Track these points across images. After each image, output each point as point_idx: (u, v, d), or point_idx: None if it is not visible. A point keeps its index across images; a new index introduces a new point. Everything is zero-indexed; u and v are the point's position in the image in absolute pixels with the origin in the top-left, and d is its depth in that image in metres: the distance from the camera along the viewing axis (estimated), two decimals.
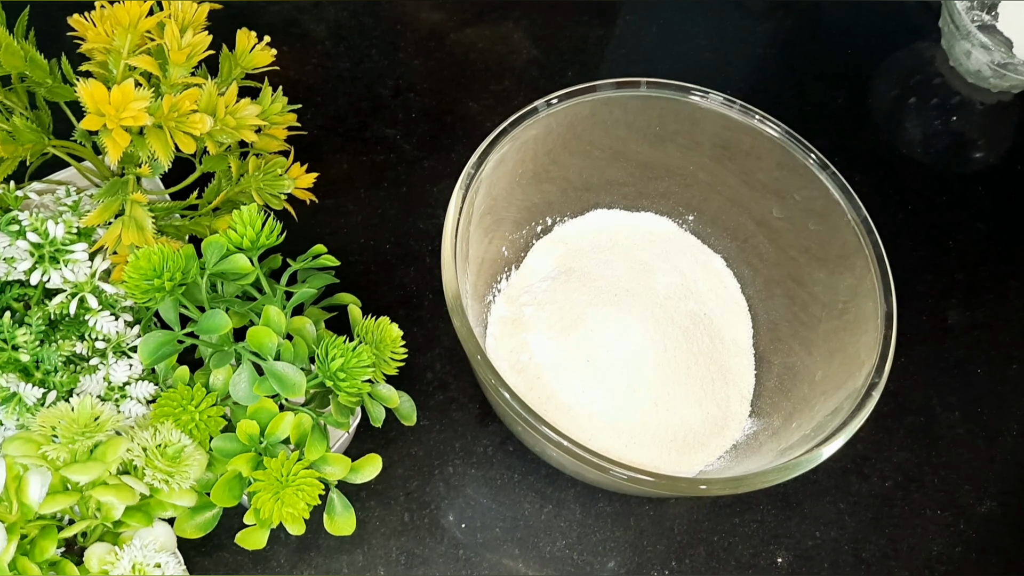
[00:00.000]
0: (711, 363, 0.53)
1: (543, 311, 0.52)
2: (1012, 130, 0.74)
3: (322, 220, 0.59)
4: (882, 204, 0.67)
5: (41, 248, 0.40)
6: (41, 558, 0.34)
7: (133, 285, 0.37)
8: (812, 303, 0.52)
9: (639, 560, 0.51)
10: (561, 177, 0.55)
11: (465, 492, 0.52)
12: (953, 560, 0.54)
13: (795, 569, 0.52)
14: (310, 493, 0.37)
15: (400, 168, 0.63)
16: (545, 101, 0.50)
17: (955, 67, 0.75)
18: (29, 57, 0.41)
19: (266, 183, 0.46)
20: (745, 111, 0.52)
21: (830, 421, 0.45)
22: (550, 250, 0.57)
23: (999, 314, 0.64)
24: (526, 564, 0.50)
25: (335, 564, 0.49)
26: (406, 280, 0.58)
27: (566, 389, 0.50)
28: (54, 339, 0.40)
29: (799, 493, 0.55)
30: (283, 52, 0.49)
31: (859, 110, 0.72)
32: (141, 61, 0.40)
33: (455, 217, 0.46)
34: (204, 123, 0.40)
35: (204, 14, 0.43)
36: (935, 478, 0.56)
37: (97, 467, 0.34)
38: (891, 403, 0.58)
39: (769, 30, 0.75)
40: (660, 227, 0.59)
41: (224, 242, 0.40)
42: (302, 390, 0.38)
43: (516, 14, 0.71)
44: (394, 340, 0.41)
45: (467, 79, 0.68)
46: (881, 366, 0.45)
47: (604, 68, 0.70)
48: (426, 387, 0.55)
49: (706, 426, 0.51)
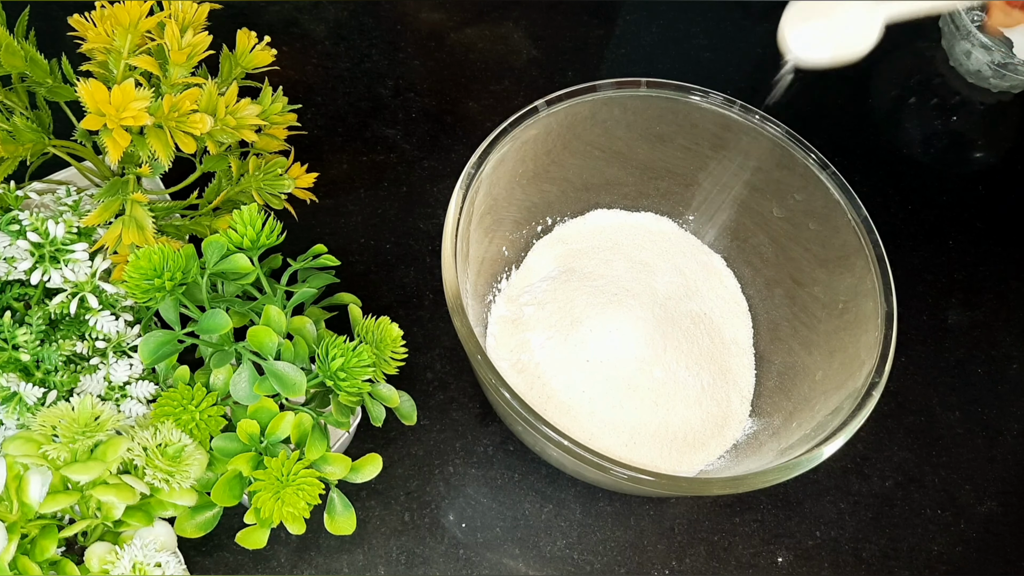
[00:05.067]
0: (711, 363, 0.53)
1: (543, 311, 0.52)
2: (1012, 130, 0.74)
3: (322, 220, 0.59)
4: (882, 204, 0.67)
5: (41, 248, 0.40)
6: (41, 557, 0.34)
7: (133, 285, 0.37)
8: (812, 303, 0.52)
9: (639, 560, 0.51)
10: (561, 177, 0.55)
11: (465, 492, 0.52)
12: (953, 560, 0.54)
13: (795, 569, 0.52)
14: (310, 493, 0.37)
15: (400, 168, 0.63)
16: (545, 101, 0.50)
17: (955, 67, 0.75)
18: (29, 57, 0.41)
19: (266, 183, 0.46)
20: (745, 111, 0.52)
21: (830, 421, 0.45)
22: (550, 250, 0.57)
23: (999, 314, 0.64)
24: (526, 564, 0.50)
25: (335, 564, 0.49)
26: (406, 280, 0.58)
27: (566, 389, 0.50)
28: (54, 339, 0.40)
29: (799, 493, 0.55)
30: (283, 52, 0.49)
31: (859, 110, 0.72)
32: (141, 61, 0.40)
33: (455, 217, 0.46)
34: (204, 123, 0.40)
35: (204, 14, 0.43)
36: (935, 478, 0.56)
37: (97, 467, 0.34)
38: (891, 403, 0.58)
39: (769, 30, 0.75)
40: (660, 227, 0.59)
41: (224, 242, 0.40)
42: (302, 390, 0.38)
43: (516, 14, 0.71)
44: (394, 340, 0.41)
45: (467, 79, 0.68)
46: (881, 366, 0.45)
47: (604, 68, 0.70)
48: (426, 387, 0.55)
49: (706, 426, 0.51)
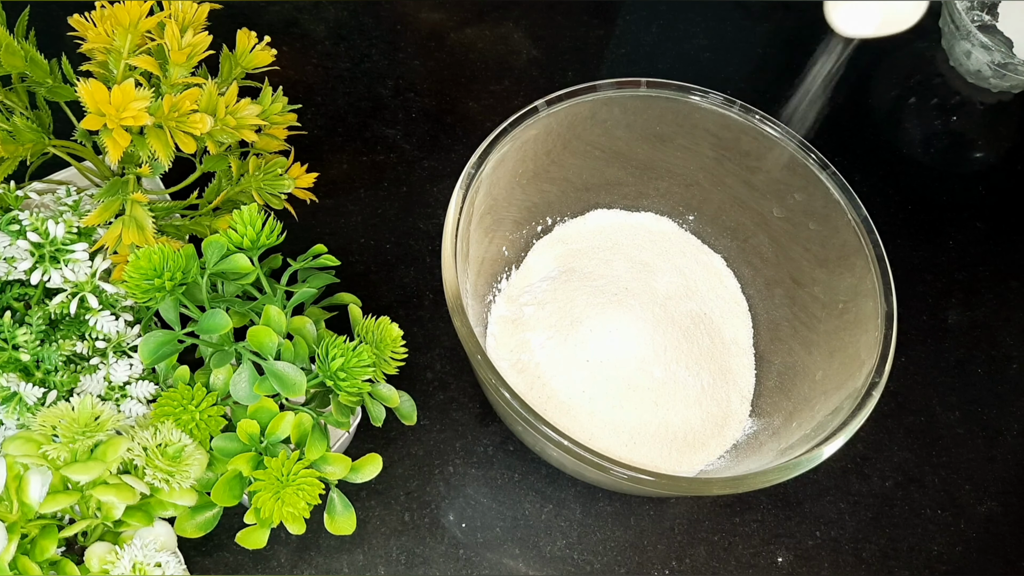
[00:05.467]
0: (711, 363, 0.53)
1: (543, 311, 0.52)
2: (1012, 130, 0.74)
3: (322, 220, 0.59)
4: (882, 204, 0.67)
5: (42, 248, 0.40)
6: (41, 557, 0.34)
7: (133, 285, 0.37)
8: (812, 303, 0.52)
9: (639, 560, 0.51)
10: (561, 177, 0.55)
11: (465, 492, 0.52)
12: (953, 560, 0.54)
13: (795, 569, 0.52)
14: (310, 492, 0.37)
15: (400, 168, 0.63)
16: (545, 101, 0.50)
17: (955, 67, 0.75)
18: (29, 57, 0.41)
19: (266, 183, 0.46)
20: (745, 111, 0.52)
21: (830, 421, 0.45)
22: (550, 250, 0.57)
23: (999, 314, 0.64)
24: (526, 564, 0.50)
25: (335, 564, 0.49)
26: (406, 280, 0.58)
27: (566, 389, 0.50)
28: (54, 339, 0.40)
29: (799, 493, 0.55)
30: (283, 52, 0.49)
31: (859, 110, 0.72)
32: (141, 61, 0.40)
33: (455, 217, 0.46)
34: (204, 123, 0.40)
35: (204, 14, 0.43)
36: (935, 478, 0.56)
37: (97, 467, 0.34)
38: (891, 403, 0.58)
39: (769, 30, 0.75)
40: (660, 227, 0.59)
41: (224, 242, 0.40)
42: (302, 390, 0.38)
43: (516, 14, 0.71)
44: (394, 340, 0.41)
45: (467, 79, 0.68)
46: (881, 366, 0.45)
47: (604, 68, 0.70)
48: (426, 387, 0.55)
49: (706, 426, 0.51)
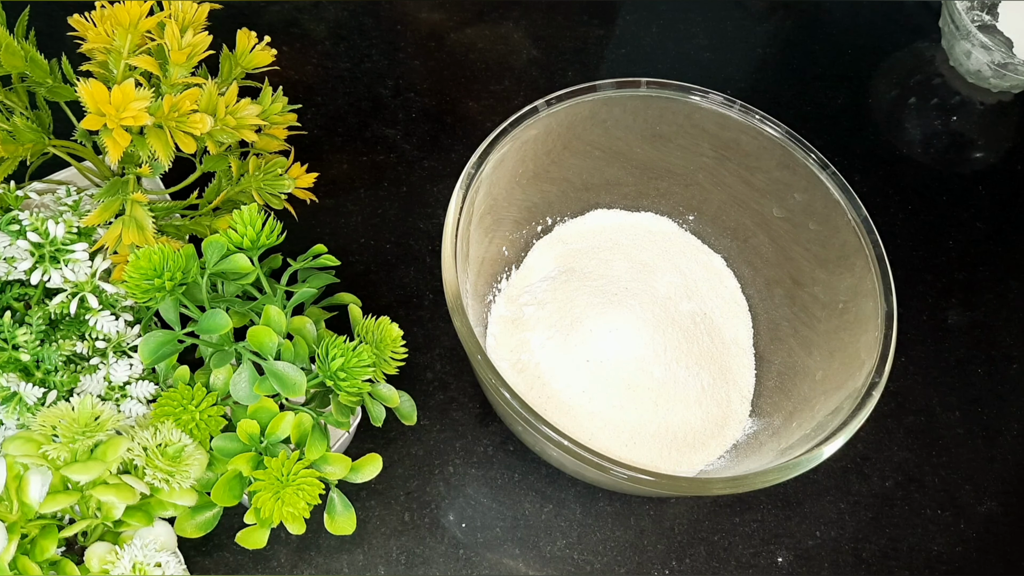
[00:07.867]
0: (711, 363, 0.53)
1: (543, 311, 0.52)
2: (1012, 130, 0.74)
3: (322, 220, 0.59)
4: (882, 204, 0.67)
5: (41, 248, 0.40)
6: (41, 557, 0.34)
7: (133, 285, 0.37)
8: (812, 303, 0.52)
9: (639, 560, 0.51)
10: (561, 177, 0.55)
11: (465, 492, 0.52)
12: (953, 560, 0.54)
13: (795, 569, 0.52)
14: (310, 492, 0.37)
15: (400, 168, 0.63)
16: (545, 101, 0.50)
17: (955, 67, 0.75)
18: (29, 57, 0.41)
19: (266, 183, 0.46)
20: (745, 111, 0.52)
21: (830, 421, 0.45)
22: (550, 250, 0.57)
23: (999, 314, 0.64)
24: (526, 564, 0.50)
25: (335, 564, 0.49)
26: (406, 280, 0.58)
27: (566, 389, 0.50)
28: (54, 339, 0.40)
29: (799, 493, 0.55)
30: (283, 52, 0.49)
31: (859, 110, 0.72)
32: (141, 61, 0.40)
33: (455, 217, 0.46)
34: (204, 123, 0.40)
35: (204, 14, 0.43)
36: (935, 478, 0.56)
37: (97, 467, 0.34)
38: (891, 403, 0.58)
39: (769, 30, 0.75)
40: (660, 227, 0.59)
41: (224, 242, 0.40)
42: (302, 390, 0.38)
43: (516, 14, 0.71)
44: (394, 340, 0.41)
45: (467, 79, 0.68)
46: (881, 366, 0.45)
47: (604, 68, 0.70)
48: (426, 387, 0.55)
49: (706, 426, 0.51)
